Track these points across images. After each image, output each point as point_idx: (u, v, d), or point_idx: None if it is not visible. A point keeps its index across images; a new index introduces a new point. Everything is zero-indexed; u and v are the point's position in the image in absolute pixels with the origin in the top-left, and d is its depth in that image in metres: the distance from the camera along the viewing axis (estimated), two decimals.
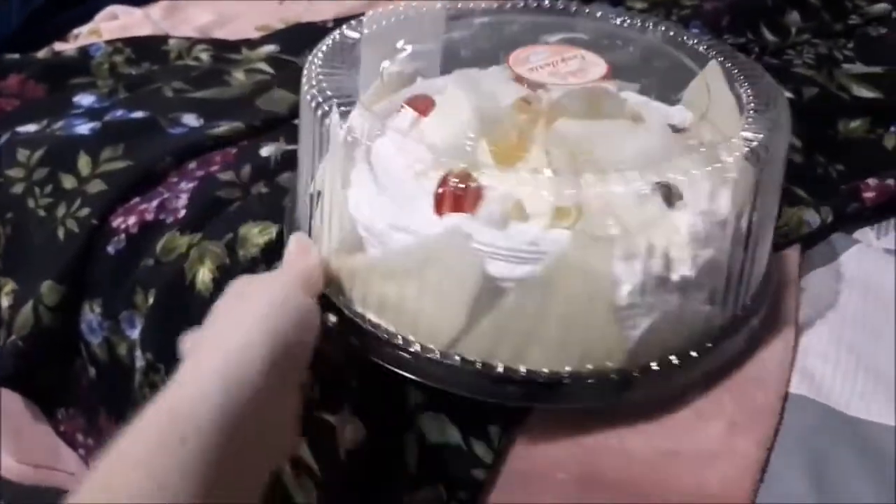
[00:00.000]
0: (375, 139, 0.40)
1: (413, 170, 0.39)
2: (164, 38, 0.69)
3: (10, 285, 0.50)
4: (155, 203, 0.49)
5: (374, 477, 0.42)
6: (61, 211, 0.49)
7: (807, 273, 0.46)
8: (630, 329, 0.35)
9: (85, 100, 0.61)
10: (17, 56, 0.65)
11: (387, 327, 0.37)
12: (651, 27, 0.48)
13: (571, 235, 0.34)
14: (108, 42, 0.68)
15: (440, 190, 0.36)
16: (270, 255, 0.46)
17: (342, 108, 0.40)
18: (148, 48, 0.68)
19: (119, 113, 0.57)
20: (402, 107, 0.44)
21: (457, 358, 0.36)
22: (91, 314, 0.49)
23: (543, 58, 0.41)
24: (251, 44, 0.71)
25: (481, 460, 0.38)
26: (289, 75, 0.64)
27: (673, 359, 0.36)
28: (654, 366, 0.35)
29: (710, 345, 0.37)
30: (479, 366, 0.35)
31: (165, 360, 0.46)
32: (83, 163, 0.51)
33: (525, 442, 0.37)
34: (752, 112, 0.41)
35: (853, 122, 0.61)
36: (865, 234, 0.51)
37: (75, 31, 0.72)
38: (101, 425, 0.53)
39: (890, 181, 0.51)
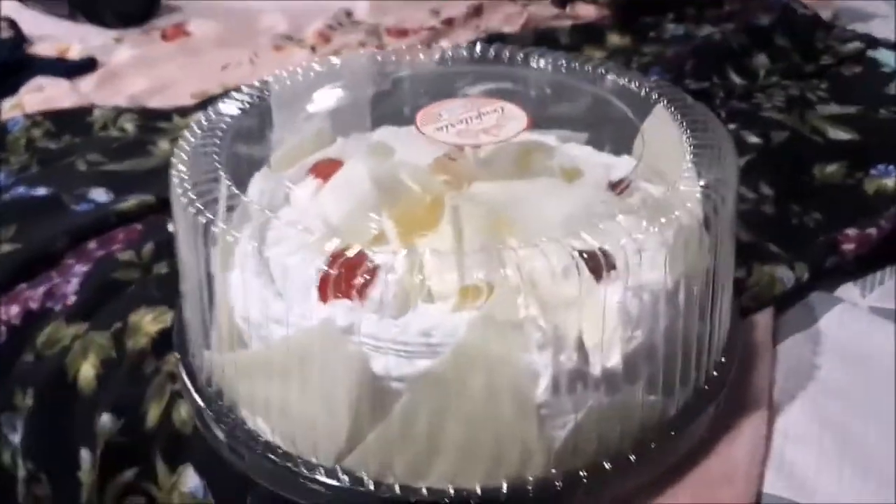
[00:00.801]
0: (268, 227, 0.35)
1: (299, 247, 0.34)
2: (88, 109, 0.65)
3: None
4: (42, 290, 0.44)
5: None
6: None
7: (782, 340, 0.40)
8: (551, 430, 0.29)
9: None
10: None
11: (273, 439, 0.31)
12: (602, 74, 0.43)
13: (473, 322, 0.28)
14: (28, 115, 0.63)
15: (324, 271, 0.31)
16: (161, 347, 0.40)
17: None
18: (70, 121, 0.63)
19: (20, 190, 0.52)
20: (307, 173, 0.40)
21: (344, 477, 0.30)
22: None
23: (457, 113, 0.36)
24: (183, 111, 0.67)
25: None
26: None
27: (606, 464, 0.29)
28: (582, 474, 0.29)
29: (654, 444, 0.31)
30: (370, 485, 0.29)
31: (48, 469, 0.40)
32: None
33: None
34: (694, 164, 0.35)
35: (829, 167, 0.55)
36: (849, 290, 0.44)
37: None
38: None
39: (871, 230, 0.46)
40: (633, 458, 0.30)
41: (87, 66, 0.77)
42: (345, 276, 0.30)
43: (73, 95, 0.68)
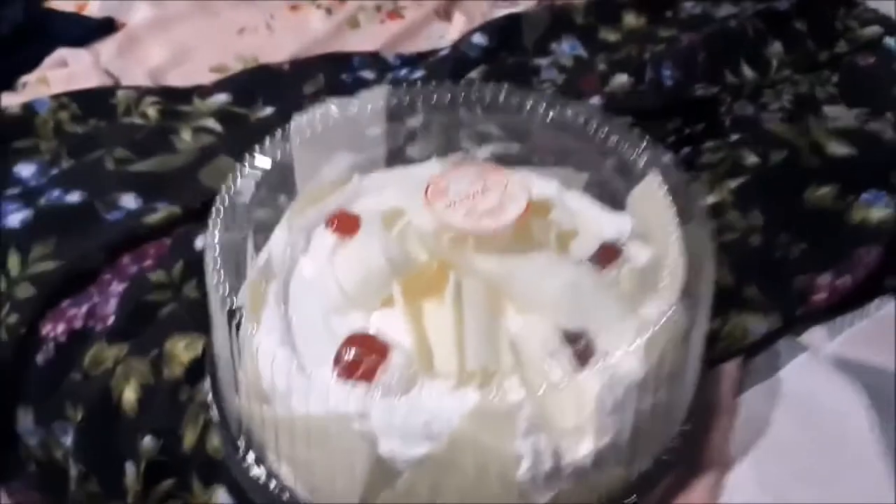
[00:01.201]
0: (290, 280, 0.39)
1: (327, 312, 0.38)
2: (111, 90, 0.67)
3: None
4: (84, 309, 0.49)
5: None
6: None
7: (746, 389, 0.45)
8: (530, 499, 0.34)
9: (25, 170, 0.60)
10: None
11: (292, 486, 0.37)
12: (596, 129, 0.45)
13: (468, 413, 0.33)
14: (54, 97, 0.66)
15: (343, 352, 0.35)
16: (194, 375, 0.45)
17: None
18: (94, 103, 0.66)
19: (55, 194, 0.56)
20: (326, 223, 0.43)
21: None
22: (25, 419, 0.49)
23: (464, 187, 0.39)
24: (203, 91, 0.68)
25: None
26: (236, 137, 0.63)
27: None
28: None
29: None
30: None
31: (97, 471, 0.46)
32: (13, 262, 0.50)
33: None
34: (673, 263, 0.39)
35: (821, 189, 0.58)
36: (816, 334, 0.49)
37: (23, 78, 0.70)
38: None
39: (845, 279, 0.49)
40: None
41: (105, 26, 0.79)
42: (359, 356, 0.35)
43: (96, 72, 0.70)
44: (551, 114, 0.46)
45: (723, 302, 0.48)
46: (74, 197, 0.55)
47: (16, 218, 0.53)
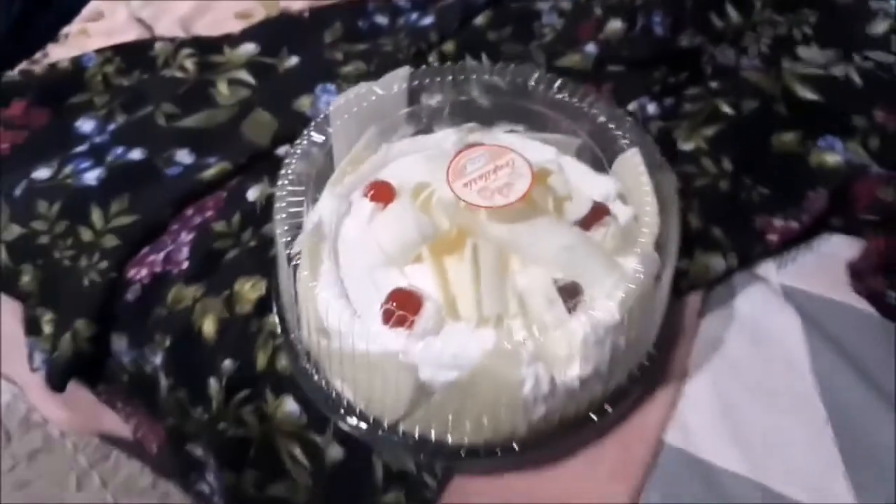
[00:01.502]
0: (338, 239, 0.49)
1: (371, 267, 0.48)
2: (150, 43, 0.74)
3: (48, 315, 0.61)
4: (161, 256, 0.58)
5: (351, 483, 0.55)
6: (84, 262, 0.59)
7: (705, 315, 0.55)
8: (530, 414, 0.45)
9: (85, 125, 0.68)
10: (16, 75, 0.70)
11: (351, 398, 0.48)
12: (587, 109, 0.54)
13: (485, 351, 0.44)
14: (99, 51, 0.73)
15: (387, 306, 0.45)
16: (261, 309, 0.56)
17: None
18: (136, 56, 0.73)
19: (119, 151, 0.64)
20: (364, 191, 0.52)
21: (400, 431, 0.47)
22: (119, 342, 0.60)
23: (479, 167, 0.48)
24: (231, 41, 0.75)
25: (428, 486, 0.51)
26: (268, 90, 0.70)
27: (561, 431, 0.47)
28: (546, 436, 0.47)
29: (594, 417, 0.48)
30: (416, 437, 0.47)
31: (185, 384, 0.58)
32: (96, 216, 0.60)
33: (462, 479, 0.50)
34: (649, 223, 0.48)
35: (786, 135, 0.66)
36: (768, 268, 0.59)
37: (64, 30, 0.76)
38: (140, 409, 0.66)
39: (794, 223, 0.59)
40: (579, 426, 0.47)
41: None
42: (400, 308, 0.45)
43: (132, 24, 0.76)
44: (550, 93, 0.54)
45: (690, 243, 0.58)
46: (136, 154, 0.64)
47: (92, 176, 0.62)
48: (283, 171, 0.50)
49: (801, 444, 0.48)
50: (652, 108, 0.68)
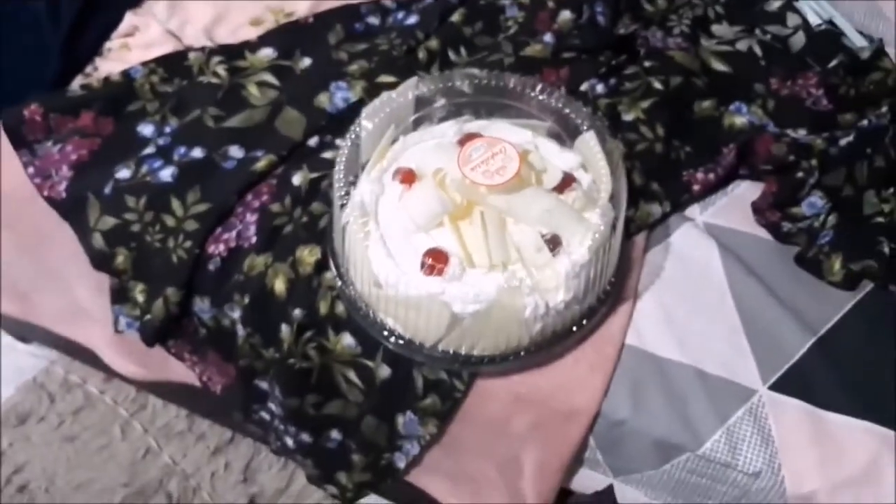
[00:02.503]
0: (378, 213, 0.66)
1: (405, 233, 0.65)
2: (184, 54, 0.88)
3: (140, 286, 0.77)
4: (234, 233, 0.75)
5: (396, 394, 0.73)
6: (171, 243, 0.75)
7: (648, 251, 0.74)
8: (531, 329, 0.64)
9: (146, 129, 0.83)
10: (79, 90, 0.84)
11: (399, 330, 0.66)
12: (554, 104, 0.71)
13: (498, 288, 0.62)
14: (143, 64, 0.86)
15: (425, 260, 0.63)
16: (320, 269, 0.73)
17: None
18: (174, 66, 0.87)
19: (182, 151, 0.80)
20: (393, 176, 0.69)
21: (439, 350, 0.66)
22: (202, 303, 0.76)
23: (481, 153, 0.65)
24: (251, 46, 0.89)
25: (458, 388, 0.70)
26: (290, 89, 0.85)
27: (553, 339, 0.66)
28: (542, 345, 0.66)
29: (574, 329, 0.67)
30: (451, 353, 0.66)
31: (260, 330, 0.75)
32: (176, 205, 0.76)
33: (482, 380, 0.69)
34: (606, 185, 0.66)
35: (704, 103, 0.84)
36: (694, 210, 0.78)
37: (107, 45, 0.89)
38: (209, 357, 0.83)
39: (711, 175, 0.78)
40: (565, 336, 0.66)
41: None
42: (434, 262, 0.63)
43: (166, 39, 0.89)
44: (526, 90, 0.71)
45: (635, 196, 0.77)
46: (197, 153, 0.79)
47: (166, 174, 0.78)
48: (336, 167, 0.67)
49: (721, 338, 0.69)
50: (600, 88, 0.86)
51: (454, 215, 0.66)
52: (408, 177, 0.68)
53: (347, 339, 0.72)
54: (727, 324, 0.70)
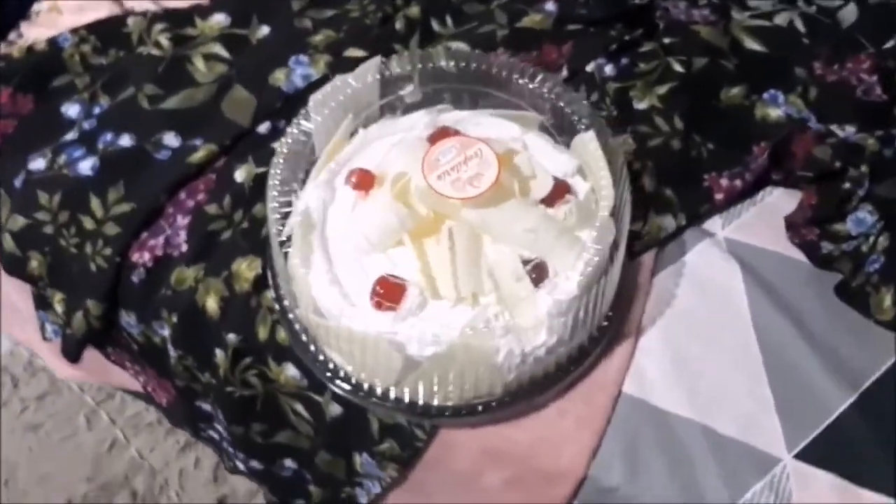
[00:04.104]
0: (325, 225, 0.54)
1: (357, 252, 0.53)
2: (122, 19, 0.75)
3: (59, 295, 0.66)
4: (161, 240, 0.63)
5: (349, 434, 0.62)
6: (88, 249, 0.63)
7: (658, 273, 0.62)
8: (504, 377, 0.52)
9: (71, 110, 0.71)
10: None
11: (347, 369, 0.55)
12: (547, 94, 0.58)
13: (462, 330, 0.50)
14: (73, 31, 0.74)
15: (374, 294, 0.51)
16: (259, 286, 0.61)
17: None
18: (110, 34, 0.74)
19: (108, 138, 0.67)
20: (346, 179, 0.57)
21: (392, 397, 0.54)
22: (128, 317, 0.65)
23: (450, 158, 0.53)
24: (202, 11, 0.77)
25: (418, 437, 0.58)
26: (242, 64, 0.73)
27: (531, 388, 0.54)
28: (519, 394, 0.54)
29: (559, 374, 0.55)
30: (406, 401, 0.54)
31: (193, 355, 0.64)
32: (95, 204, 0.64)
33: (447, 430, 0.57)
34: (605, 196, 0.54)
35: (733, 90, 0.70)
36: (715, 223, 0.65)
37: (35, 7, 0.77)
38: (148, 370, 0.72)
39: (737, 181, 0.64)
40: (547, 384, 0.54)
41: None
42: (384, 297, 0.51)
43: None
44: (514, 76, 0.58)
45: (644, 205, 0.64)
46: (126, 140, 0.67)
47: (86, 165, 0.66)
48: (272, 168, 0.54)
49: (740, 390, 0.56)
50: (609, 69, 0.72)
51: (417, 232, 0.54)
52: (363, 181, 0.56)
53: (291, 371, 0.61)
54: (749, 371, 0.57)
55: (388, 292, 0.50)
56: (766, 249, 0.63)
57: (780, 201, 0.66)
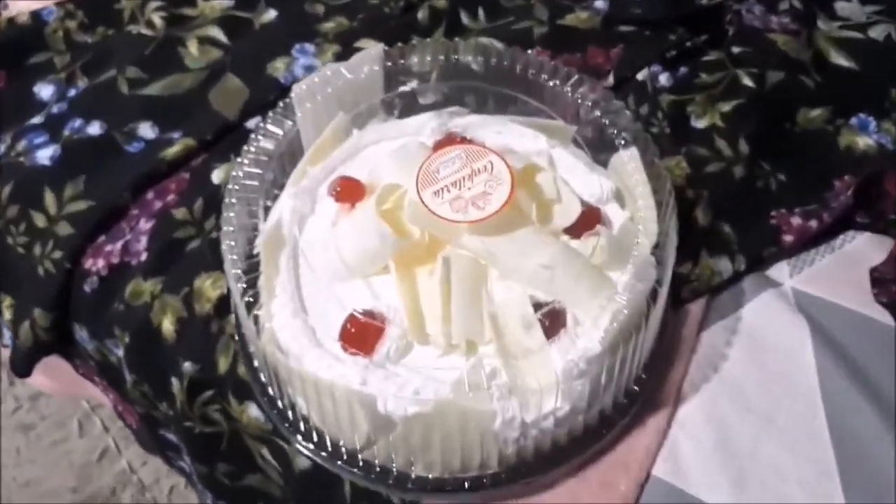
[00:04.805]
0: (300, 242, 0.44)
1: (333, 277, 0.43)
2: None
3: (8, 300, 0.57)
4: (119, 245, 0.54)
5: (320, 492, 0.52)
6: (37, 250, 0.55)
7: (707, 327, 0.50)
8: (502, 448, 0.42)
9: (44, 91, 0.63)
10: None
11: (313, 419, 0.45)
12: (581, 101, 0.47)
13: (452, 385, 0.39)
14: (59, 4, 0.66)
15: (346, 328, 0.41)
16: (222, 309, 0.52)
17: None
18: (100, 9, 0.66)
19: (76, 124, 0.59)
20: (329, 189, 0.47)
21: (360, 462, 0.44)
22: (81, 332, 0.57)
23: (453, 171, 0.42)
24: None
25: None
26: (240, 50, 0.64)
27: (537, 464, 0.43)
28: (523, 471, 0.43)
29: (574, 448, 0.43)
30: (377, 468, 0.43)
31: (147, 381, 0.55)
32: (49, 200, 0.55)
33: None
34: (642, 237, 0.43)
35: (814, 111, 0.59)
36: (781, 270, 0.53)
37: None
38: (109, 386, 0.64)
39: (813, 221, 0.52)
40: (557, 460, 0.43)
41: None
42: (357, 337, 0.40)
43: None
44: (545, 78, 0.47)
45: (695, 243, 0.53)
46: (95, 129, 0.59)
47: (45, 154, 0.57)
48: (234, 171, 0.45)
49: (803, 483, 0.44)
50: (664, 79, 0.61)
51: (405, 258, 0.44)
52: (349, 191, 0.46)
53: (254, 411, 0.51)
54: (814, 460, 0.45)
55: (361, 335, 0.40)
56: (844, 307, 0.51)
57: (864, 249, 0.53)
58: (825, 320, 0.50)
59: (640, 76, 0.61)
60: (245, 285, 0.42)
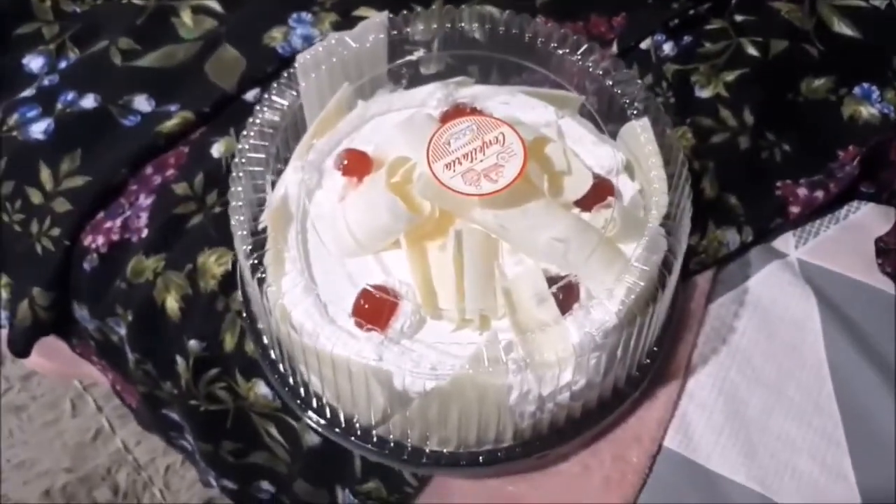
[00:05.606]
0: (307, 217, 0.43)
1: (342, 252, 0.43)
2: None
3: (4, 279, 0.56)
4: (118, 222, 0.53)
5: (330, 467, 0.52)
6: (34, 228, 0.53)
7: (714, 300, 0.50)
8: (518, 419, 0.42)
9: (34, 62, 0.61)
10: None
11: (326, 396, 0.44)
12: (592, 69, 0.46)
13: (468, 359, 0.39)
14: None
15: (359, 303, 0.41)
16: (227, 286, 0.51)
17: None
18: None
19: (69, 97, 0.57)
20: (336, 162, 0.46)
21: (374, 437, 0.43)
22: (81, 311, 0.56)
23: (464, 143, 0.41)
24: None
25: (409, 482, 0.48)
26: (236, 19, 0.62)
27: (551, 439, 0.43)
28: (537, 444, 0.43)
29: (587, 421, 0.44)
30: (391, 444, 0.43)
31: (151, 359, 0.54)
32: (45, 176, 0.54)
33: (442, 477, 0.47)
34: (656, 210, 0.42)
35: (817, 81, 0.58)
36: (787, 241, 0.53)
37: None
38: (113, 369, 0.63)
39: (818, 192, 0.52)
40: (571, 433, 0.43)
41: None
42: (371, 313, 0.40)
43: None
44: (553, 46, 0.46)
45: (703, 215, 0.52)
46: (89, 101, 0.57)
47: (39, 128, 0.55)
48: (239, 145, 0.43)
49: (810, 452, 0.45)
50: (668, 48, 0.60)
51: (417, 233, 0.43)
52: (356, 165, 0.45)
53: (262, 389, 0.50)
54: (821, 429, 0.45)
55: (374, 310, 0.40)
56: (849, 277, 0.51)
57: (869, 219, 0.54)
58: (831, 291, 0.51)
59: (643, 45, 0.61)
60: (256, 261, 0.41)
